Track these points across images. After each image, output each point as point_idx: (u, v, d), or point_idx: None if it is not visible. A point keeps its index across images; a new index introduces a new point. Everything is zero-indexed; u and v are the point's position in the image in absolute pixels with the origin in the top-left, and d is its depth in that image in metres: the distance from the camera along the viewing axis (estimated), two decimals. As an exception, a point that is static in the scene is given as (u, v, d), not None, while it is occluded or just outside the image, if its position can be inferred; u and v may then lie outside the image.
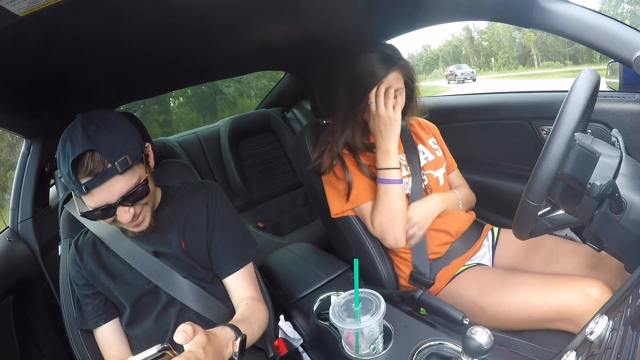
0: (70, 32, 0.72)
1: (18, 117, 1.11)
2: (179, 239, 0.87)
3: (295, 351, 0.96)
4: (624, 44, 0.75)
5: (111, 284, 0.85)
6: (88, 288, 0.86)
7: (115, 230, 0.86)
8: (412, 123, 1.24)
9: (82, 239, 0.90)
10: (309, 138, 1.21)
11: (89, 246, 0.87)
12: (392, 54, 1.04)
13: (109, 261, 0.86)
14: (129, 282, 0.85)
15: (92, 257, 0.86)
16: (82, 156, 0.68)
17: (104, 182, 0.70)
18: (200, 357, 0.54)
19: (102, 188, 0.70)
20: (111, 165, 0.70)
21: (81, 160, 0.68)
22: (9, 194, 1.32)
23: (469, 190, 1.24)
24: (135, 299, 0.85)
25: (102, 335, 0.87)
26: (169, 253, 0.86)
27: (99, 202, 0.72)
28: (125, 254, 0.84)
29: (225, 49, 1.17)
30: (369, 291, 0.78)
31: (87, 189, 0.69)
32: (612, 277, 0.91)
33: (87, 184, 0.69)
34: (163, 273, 0.84)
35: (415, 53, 51.80)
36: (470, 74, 23.67)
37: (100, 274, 0.85)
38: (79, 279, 0.86)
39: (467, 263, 1.09)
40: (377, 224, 1.04)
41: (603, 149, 0.69)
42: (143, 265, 0.84)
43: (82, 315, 0.87)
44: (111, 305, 0.88)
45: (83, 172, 0.68)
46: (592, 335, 0.49)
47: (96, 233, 0.87)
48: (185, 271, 0.86)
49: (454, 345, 0.73)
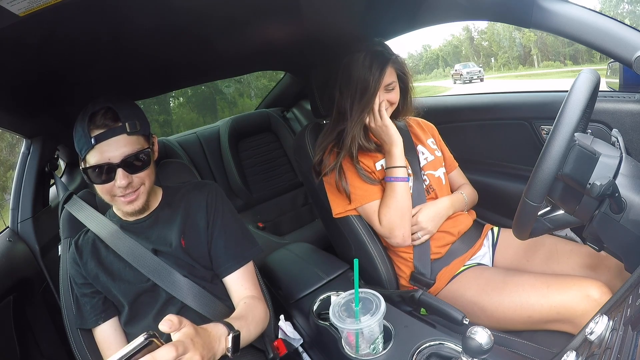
0: (70, 32, 0.72)
1: (18, 117, 1.11)
2: (179, 237, 0.87)
3: (295, 351, 0.96)
4: (624, 44, 0.75)
5: (110, 283, 0.85)
6: (87, 287, 0.86)
7: (115, 229, 0.87)
8: (410, 124, 1.24)
9: (82, 238, 0.90)
10: (309, 138, 1.21)
11: (89, 245, 0.88)
12: (383, 50, 1.05)
13: (107, 260, 0.87)
14: (128, 281, 0.85)
15: (92, 256, 0.87)
16: (99, 111, 0.77)
17: (112, 136, 0.76)
18: (188, 347, 0.55)
19: (110, 142, 0.76)
20: (121, 123, 0.77)
21: (98, 114, 0.76)
22: (9, 194, 1.32)
23: (472, 189, 1.25)
24: (133, 297, 0.85)
25: (101, 335, 0.87)
26: (169, 252, 0.86)
27: (103, 158, 0.76)
28: (125, 253, 0.84)
29: (225, 49, 1.17)
30: (369, 291, 0.78)
31: (97, 141, 0.75)
32: (611, 277, 0.91)
33: (98, 136, 0.76)
34: (163, 271, 0.84)
35: (415, 53, 51.81)
36: (478, 73, 22.04)
37: (99, 272, 0.85)
38: (78, 277, 0.87)
39: (467, 263, 1.09)
40: (385, 221, 1.04)
41: (603, 149, 0.69)
42: (143, 263, 0.84)
43: (81, 314, 0.87)
44: (110, 304, 0.88)
45: (96, 125, 0.76)
46: (592, 335, 0.49)
47: (96, 232, 0.87)
48: (185, 270, 0.86)
49: (454, 345, 0.73)
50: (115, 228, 0.87)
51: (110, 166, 0.77)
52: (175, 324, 0.56)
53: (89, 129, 0.76)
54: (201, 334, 0.60)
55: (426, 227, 1.06)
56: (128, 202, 0.82)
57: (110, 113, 0.77)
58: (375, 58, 1.03)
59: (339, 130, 1.10)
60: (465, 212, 1.17)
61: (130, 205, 0.82)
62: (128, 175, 0.79)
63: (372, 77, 1.01)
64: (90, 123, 0.76)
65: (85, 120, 0.76)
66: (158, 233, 0.88)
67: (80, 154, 0.79)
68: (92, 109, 0.77)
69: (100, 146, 0.76)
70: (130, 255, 0.84)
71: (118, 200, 0.82)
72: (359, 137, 1.07)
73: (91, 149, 0.76)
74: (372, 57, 1.03)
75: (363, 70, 1.02)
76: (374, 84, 1.02)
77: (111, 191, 0.80)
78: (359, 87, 1.03)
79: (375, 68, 1.02)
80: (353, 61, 1.05)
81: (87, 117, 0.76)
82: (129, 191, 0.81)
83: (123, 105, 0.79)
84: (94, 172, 0.78)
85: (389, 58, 1.04)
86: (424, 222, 1.05)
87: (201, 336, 0.60)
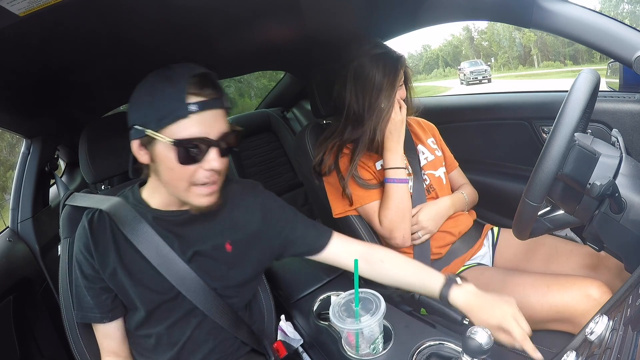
0: (70, 32, 0.72)
1: (18, 117, 1.11)
2: (225, 241, 0.77)
3: (296, 352, 0.96)
4: (624, 44, 0.75)
5: (128, 284, 0.72)
6: (96, 281, 0.73)
7: (135, 216, 0.72)
8: (411, 123, 1.24)
9: (97, 219, 0.74)
10: (309, 138, 1.21)
11: (107, 232, 0.73)
12: (388, 51, 1.05)
13: (127, 255, 0.72)
14: (150, 288, 0.72)
15: (111, 247, 0.72)
16: (204, 74, 0.64)
17: (213, 108, 0.64)
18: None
19: (209, 115, 0.64)
20: (221, 96, 0.65)
21: (203, 77, 0.64)
22: (9, 194, 1.32)
23: (473, 188, 1.25)
24: (154, 307, 0.74)
25: (102, 331, 0.78)
26: (208, 252, 0.76)
27: (200, 131, 0.63)
28: (151, 254, 0.71)
29: (225, 49, 1.17)
30: (369, 291, 0.78)
31: (200, 108, 0.62)
32: (611, 277, 0.91)
33: (198, 104, 0.62)
34: (193, 282, 0.72)
35: (415, 53, 51.85)
36: (483, 72, 19.03)
37: (118, 269, 0.72)
38: (87, 267, 0.72)
39: (467, 263, 1.09)
40: (386, 222, 1.04)
41: (603, 149, 0.69)
42: (170, 268, 0.71)
43: (82, 307, 0.75)
44: (119, 304, 0.76)
45: (197, 90, 0.63)
46: (592, 335, 0.49)
47: (113, 214, 0.72)
48: (217, 278, 0.77)
49: (454, 345, 0.73)
50: (135, 215, 0.72)
51: (209, 142, 0.64)
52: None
53: (186, 94, 0.62)
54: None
55: (426, 227, 1.06)
56: (209, 192, 0.69)
57: (211, 80, 0.65)
58: (386, 60, 1.03)
59: (348, 132, 1.08)
60: (465, 212, 1.17)
61: (207, 198, 0.69)
62: (220, 158, 0.66)
63: (387, 78, 1.02)
64: (190, 86, 0.62)
65: (183, 81, 0.62)
66: (197, 231, 0.75)
67: (158, 122, 0.63)
68: (192, 71, 0.63)
69: (200, 116, 0.63)
70: (157, 258, 0.71)
71: (195, 190, 0.68)
72: (372, 137, 1.05)
73: (185, 117, 0.62)
74: (383, 59, 1.03)
75: (377, 72, 1.02)
76: (390, 84, 1.02)
77: (193, 176, 0.66)
78: (375, 90, 1.03)
79: (389, 69, 1.02)
80: (364, 66, 1.03)
81: (184, 77, 0.62)
82: (214, 178, 0.68)
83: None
84: (190, 143, 0.63)
85: (398, 58, 1.04)
86: (424, 221, 1.05)
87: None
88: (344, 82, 1.07)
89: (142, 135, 0.65)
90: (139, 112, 0.66)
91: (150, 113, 0.64)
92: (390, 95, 1.03)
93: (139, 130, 0.65)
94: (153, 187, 0.75)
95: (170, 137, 0.63)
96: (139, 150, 0.68)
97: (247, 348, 0.85)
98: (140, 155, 0.68)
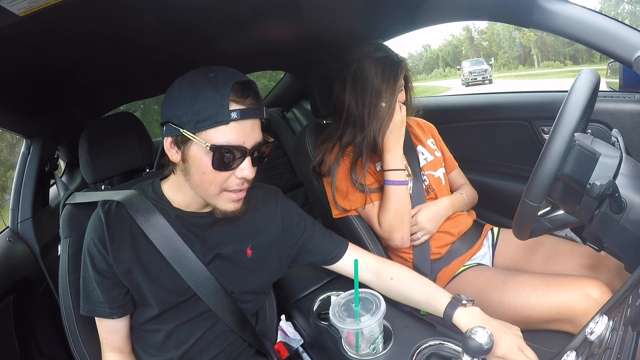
0: (70, 32, 0.72)
1: (18, 117, 1.11)
2: (247, 245, 0.78)
3: (296, 352, 0.96)
4: (624, 44, 0.75)
5: (144, 283, 0.71)
6: (109, 277, 0.71)
7: (153, 209, 0.72)
8: (410, 124, 1.24)
9: (114, 210, 0.72)
10: (309, 138, 1.21)
11: (125, 227, 0.71)
12: (390, 55, 1.04)
13: (146, 254, 0.71)
14: (166, 288, 0.72)
15: (129, 243, 0.71)
16: (247, 82, 0.65)
17: (252, 118, 0.65)
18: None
19: (248, 124, 0.65)
20: (260, 106, 0.66)
21: (245, 85, 0.64)
22: (9, 194, 1.32)
23: (472, 189, 1.25)
24: (169, 307, 0.73)
25: (108, 327, 0.75)
26: (229, 256, 0.76)
27: (237, 139, 0.64)
28: (163, 246, 0.70)
29: (225, 48, 1.17)
30: (369, 291, 0.78)
31: (240, 116, 0.63)
32: (611, 277, 0.91)
33: (239, 112, 0.63)
34: (211, 286, 0.73)
35: (415, 53, 51.88)
36: (484, 72, 18.14)
37: (134, 267, 0.70)
38: (100, 262, 0.70)
39: (467, 263, 1.09)
40: (385, 224, 1.04)
41: (603, 149, 0.69)
42: (182, 264, 0.71)
43: (89, 300, 0.73)
44: (129, 300, 0.74)
45: (239, 98, 0.63)
46: (592, 335, 0.49)
47: (131, 209, 0.71)
48: (235, 282, 0.77)
49: (454, 345, 0.73)
50: (149, 205, 0.71)
51: (244, 151, 0.65)
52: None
53: (228, 100, 0.62)
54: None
55: (426, 227, 1.06)
56: (238, 199, 0.70)
57: (253, 89, 0.65)
58: (386, 64, 1.02)
59: (347, 134, 1.08)
60: (465, 212, 1.17)
61: (235, 204, 0.70)
62: (252, 167, 0.67)
63: (386, 84, 1.01)
64: (232, 93, 0.62)
65: (226, 87, 0.62)
66: (219, 234, 0.75)
67: (197, 124, 0.63)
68: (234, 77, 0.63)
69: (240, 124, 0.63)
70: (175, 258, 0.70)
71: (225, 195, 0.69)
72: (373, 139, 1.04)
73: (225, 123, 0.62)
74: (383, 63, 1.02)
75: (376, 77, 1.01)
76: (389, 89, 1.01)
77: (225, 182, 0.67)
78: (374, 94, 1.02)
79: (388, 74, 1.01)
80: (364, 69, 1.03)
81: (228, 83, 0.62)
82: (246, 186, 0.69)
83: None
84: (227, 149, 0.63)
85: (399, 62, 1.03)
86: (423, 222, 1.05)
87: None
88: (344, 84, 1.07)
89: (177, 133, 0.65)
90: (176, 110, 0.65)
91: (189, 113, 0.63)
92: (391, 100, 1.02)
93: (174, 128, 0.65)
94: (177, 185, 0.74)
95: (207, 141, 0.63)
96: (171, 148, 0.68)
97: (252, 350, 0.85)
98: (171, 153, 0.68)
